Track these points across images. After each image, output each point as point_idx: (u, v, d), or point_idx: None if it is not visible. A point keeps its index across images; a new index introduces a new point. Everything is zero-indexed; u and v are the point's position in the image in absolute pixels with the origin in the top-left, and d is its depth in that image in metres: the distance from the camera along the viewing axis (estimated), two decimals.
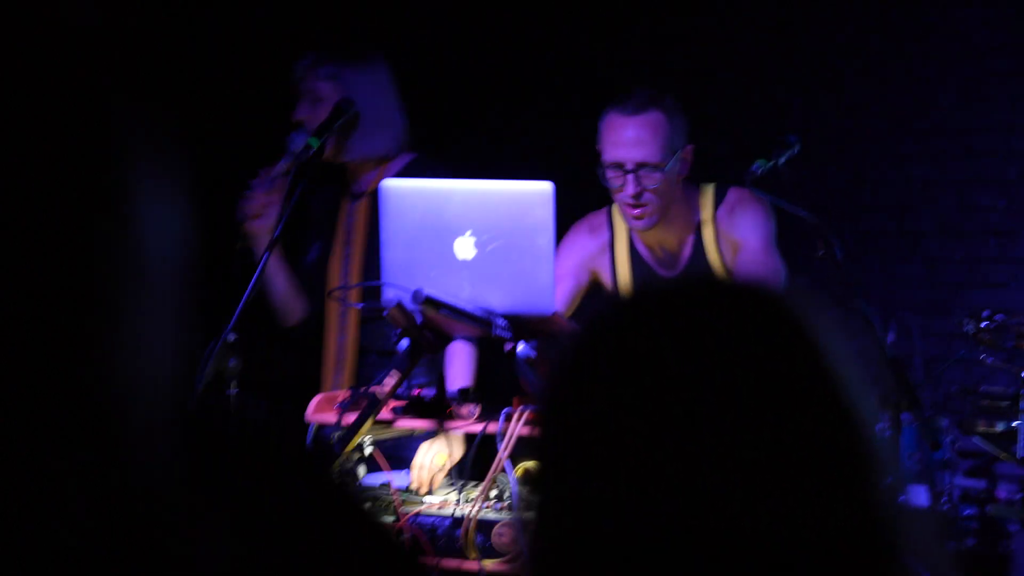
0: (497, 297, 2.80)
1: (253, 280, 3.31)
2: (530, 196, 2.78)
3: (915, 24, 5.27)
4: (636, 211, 3.41)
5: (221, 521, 0.84)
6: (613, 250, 3.63)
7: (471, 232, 2.80)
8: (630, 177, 3.37)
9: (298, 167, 3.40)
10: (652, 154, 3.36)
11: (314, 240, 3.79)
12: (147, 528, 0.80)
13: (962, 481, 4.25)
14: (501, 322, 2.80)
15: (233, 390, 3.35)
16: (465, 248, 2.80)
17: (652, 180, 3.38)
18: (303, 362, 3.81)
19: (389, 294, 2.75)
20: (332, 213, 3.72)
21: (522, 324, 2.83)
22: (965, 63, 5.20)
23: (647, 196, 3.40)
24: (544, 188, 2.78)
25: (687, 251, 3.55)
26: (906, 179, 5.28)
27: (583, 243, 3.65)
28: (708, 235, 3.52)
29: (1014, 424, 2.91)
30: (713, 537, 0.95)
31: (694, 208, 3.54)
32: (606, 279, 3.66)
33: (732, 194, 3.51)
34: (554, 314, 2.83)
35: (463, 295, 2.81)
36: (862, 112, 5.36)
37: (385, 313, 2.73)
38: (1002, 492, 3.31)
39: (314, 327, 3.67)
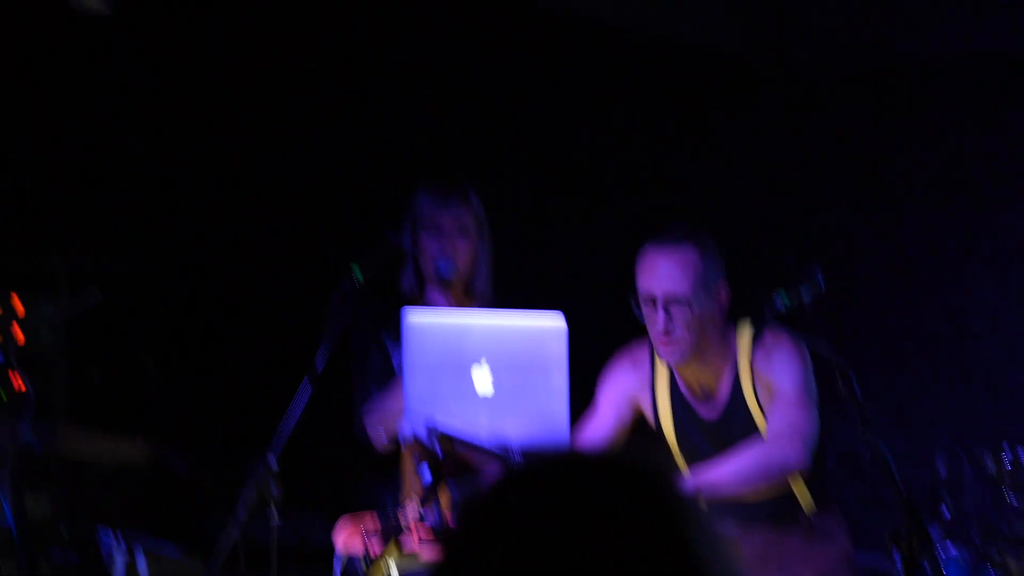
0: (514, 430, 2.87)
1: (296, 407, 3.41)
2: (544, 331, 2.86)
3: (978, 142, 5.29)
4: (667, 347, 3.44)
5: None
6: (654, 385, 3.64)
7: (488, 365, 2.88)
8: (660, 311, 3.40)
9: (343, 296, 3.50)
10: (683, 289, 3.39)
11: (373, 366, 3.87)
12: None
13: None
14: (516, 456, 2.86)
15: (276, 521, 3.42)
16: (483, 381, 2.88)
17: (682, 314, 3.41)
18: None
19: (407, 427, 2.84)
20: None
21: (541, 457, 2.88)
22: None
23: (678, 332, 3.41)
24: (557, 324, 2.85)
25: (725, 390, 3.56)
26: (970, 303, 5.25)
27: (625, 376, 3.66)
28: (745, 377, 3.52)
29: None
30: None
31: (731, 347, 3.55)
32: (648, 413, 3.66)
33: (768, 336, 3.51)
34: (570, 447, 2.88)
35: (481, 427, 2.88)
36: (927, 236, 5.36)
37: (404, 447, 2.81)
38: None
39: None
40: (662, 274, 3.40)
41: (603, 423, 3.58)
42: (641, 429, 3.72)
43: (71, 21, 5.49)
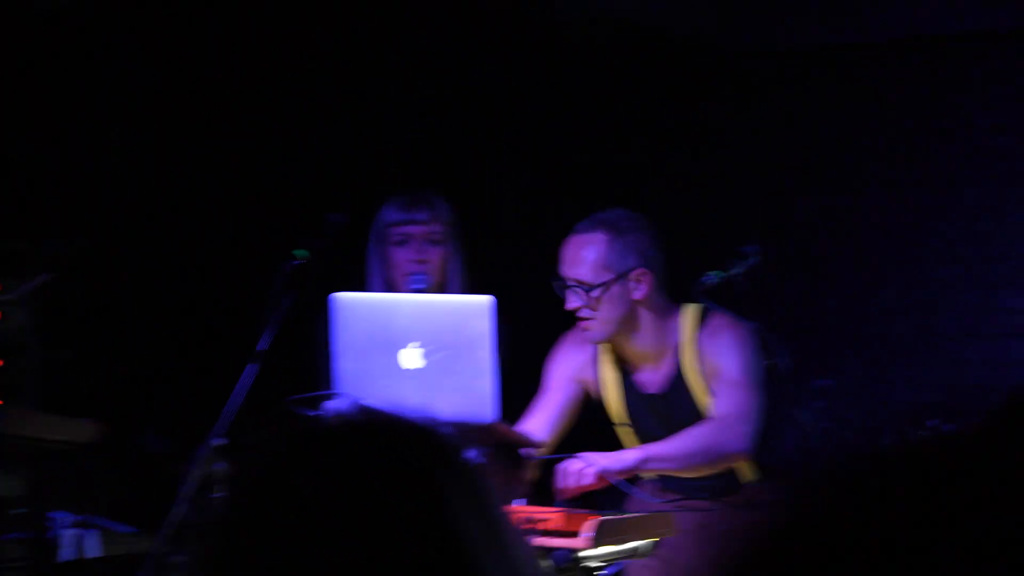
0: (442, 406, 2.91)
1: (239, 388, 3.46)
2: (471, 308, 2.91)
3: (941, 124, 5.32)
4: (581, 324, 3.51)
5: None
6: (599, 364, 3.69)
7: (417, 343, 2.92)
8: (568, 293, 3.47)
9: (286, 278, 3.54)
10: (584, 273, 3.46)
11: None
12: None
13: None
14: (445, 430, 2.90)
15: (219, 494, 3.49)
16: (411, 358, 2.93)
17: (585, 298, 3.46)
18: None
19: (331, 405, 2.88)
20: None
21: (465, 432, 2.93)
22: (987, 164, 5.23)
23: (585, 311, 3.48)
24: (483, 301, 2.90)
25: (667, 369, 3.60)
26: (928, 281, 5.29)
27: (570, 356, 3.71)
28: (688, 356, 3.57)
29: None
30: None
31: (674, 329, 3.59)
32: (593, 391, 3.71)
33: (714, 319, 3.55)
34: (495, 422, 2.93)
35: (409, 404, 2.92)
36: (886, 214, 5.40)
37: None
38: None
39: None
40: (568, 259, 3.48)
41: (551, 403, 3.64)
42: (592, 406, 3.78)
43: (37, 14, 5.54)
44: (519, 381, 3.73)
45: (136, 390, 6.01)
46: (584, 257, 3.47)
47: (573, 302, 3.48)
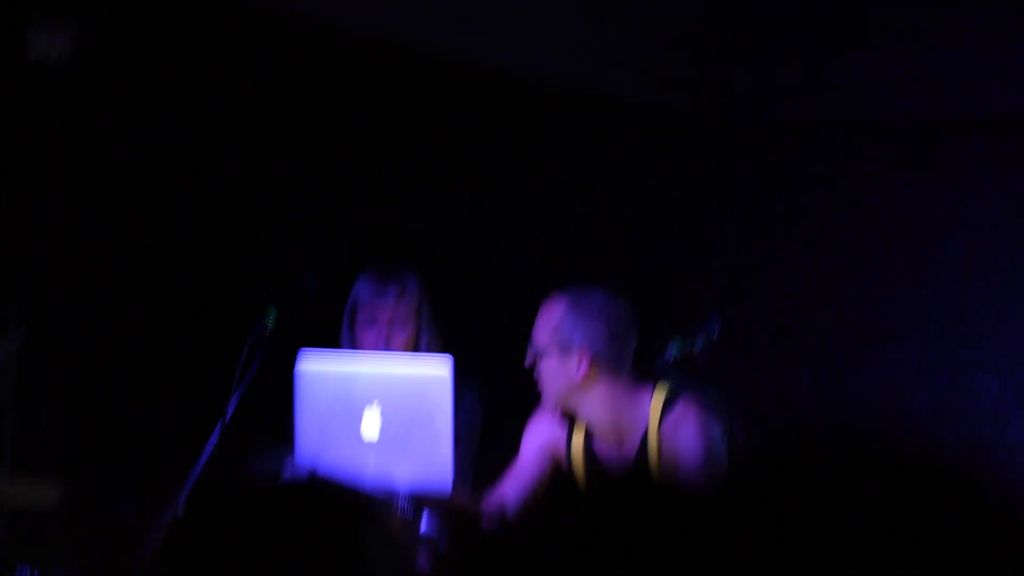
0: (400, 474, 2.94)
1: (203, 458, 3.48)
2: (429, 375, 2.94)
3: (914, 202, 5.38)
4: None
5: None
6: (570, 439, 3.72)
7: (378, 412, 2.95)
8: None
9: (255, 342, 3.56)
10: (539, 336, 3.54)
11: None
12: None
13: None
14: (403, 501, 2.92)
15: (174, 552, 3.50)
16: (371, 427, 2.95)
17: (533, 360, 3.54)
18: None
19: (291, 469, 2.90)
20: None
21: (424, 502, 2.95)
22: (962, 240, 5.28)
23: (536, 375, 3.55)
24: (441, 369, 2.93)
25: (631, 449, 3.62)
26: (900, 358, 5.33)
27: (543, 430, 3.74)
28: (652, 445, 3.59)
29: None
30: None
31: (644, 413, 3.61)
32: (563, 466, 3.74)
33: (679, 408, 3.57)
34: (452, 494, 2.95)
35: (368, 471, 2.94)
36: (859, 289, 5.44)
37: None
38: None
39: None
40: (536, 320, 3.57)
41: (523, 474, 3.67)
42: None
43: (31, 71, 5.59)
44: (500, 442, 3.77)
45: (107, 448, 6.01)
46: (542, 321, 3.55)
47: (528, 360, 3.56)
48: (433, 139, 5.76)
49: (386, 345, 3.69)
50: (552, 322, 3.51)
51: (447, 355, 2.99)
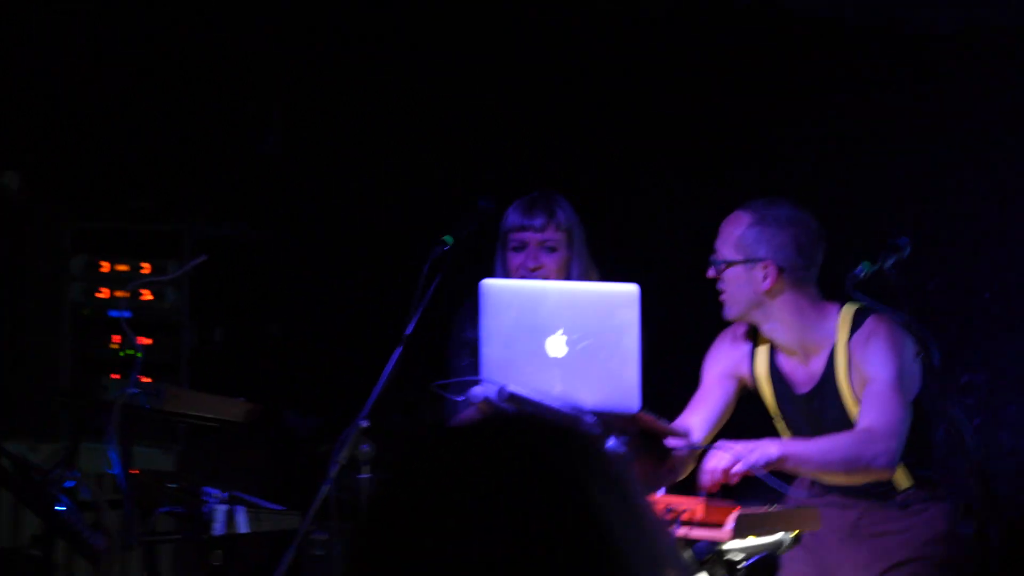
0: (586, 394, 2.92)
1: (386, 371, 3.51)
2: (616, 297, 2.90)
3: None
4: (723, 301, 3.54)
5: None
6: (753, 360, 3.69)
7: (562, 331, 2.93)
8: (712, 266, 3.54)
9: (433, 264, 3.58)
10: (720, 247, 3.51)
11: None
12: None
13: None
14: (589, 419, 2.91)
15: (365, 475, 3.55)
16: (557, 346, 2.94)
17: (719, 272, 3.51)
18: None
19: (479, 390, 2.90)
20: None
21: (610, 421, 2.93)
22: None
23: (720, 285, 3.52)
24: (630, 290, 2.89)
25: (818, 367, 3.57)
26: None
27: (726, 352, 3.72)
28: (840, 359, 3.53)
29: None
30: None
31: (830, 327, 3.56)
32: (750, 385, 3.71)
33: (870, 323, 3.49)
34: (640, 412, 2.92)
35: (554, 392, 2.94)
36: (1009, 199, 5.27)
37: (474, 408, 2.88)
38: None
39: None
40: (719, 231, 3.55)
41: (709, 398, 3.65)
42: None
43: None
44: (670, 374, 3.73)
45: (284, 372, 6.14)
46: (725, 233, 3.52)
47: (711, 272, 3.53)
48: (597, 63, 5.69)
49: (534, 270, 3.68)
50: (737, 232, 3.47)
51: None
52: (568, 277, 3.70)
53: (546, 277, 3.65)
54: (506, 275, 3.73)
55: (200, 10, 5.88)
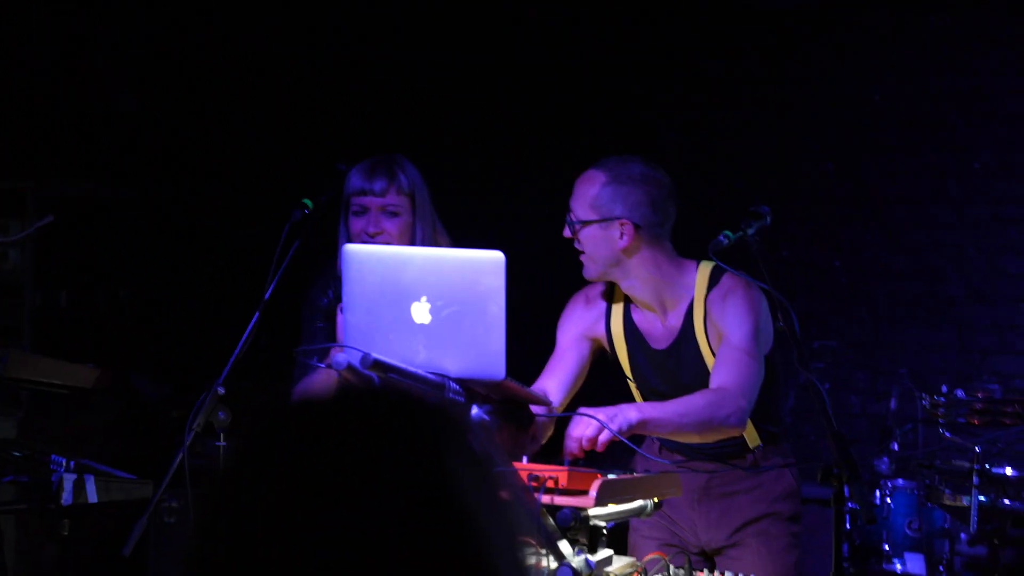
0: (451, 362, 2.88)
1: (244, 336, 3.42)
2: (482, 264, 2.87)
3: (951, 90, 5.28)
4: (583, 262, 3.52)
5: None
6: (609, 319, 3.70)
7: (426, 297, 2.89)
8: (567, 224, 3.52)
9: (292, 227, 3.51)
10: (576, 207, 3.51)
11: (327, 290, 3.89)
12: None
13: (965, 549, 4.22)
14: (454, 386, 2.88)
15: (221, 442, 3.47)
16: (421, 313, 2.89)
17: (575, 232, 3.51)
18: None
19: (341, 356, 2.84)
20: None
21: (475, 389, 2.90)
22: (998, 130, 5.19)
23: (578, 245, 3.53)
24: (495, 257, 2.86)
25: (676, 324, 3.60)
26: (938, 245, 5.26)
27: (579, 314, 3.73)
28: (698, 314, 3.56)
29: (965, 501, 2.91)
30: None
31: (688, 282, 3.58)
32: (605, 345, 3.72)
33: (727, 280, 3.54)
34: (504, 379, 2.90)
35: (419, 359, 2.89)
36: (897, 178, 5.36)
37: (337, 374, 2.82)
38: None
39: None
40: (573, 191, 3.55)
41: (564, 361, 3.65)
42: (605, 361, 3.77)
43: None
44: (527, 339, 3.71)
45: (136, 335, 5.98)
46: (579, 192, 3.52)
47: (566, 232, 3.53)
48: (466, 23, 5.63)
49: (374, 235, 3.63)
50: (592, 192, 3.48)
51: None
52: (412, 242, 3.66)
53: (387, 242, 3.60)
54: (348, 240, 3.68)
55: None
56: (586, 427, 3.09)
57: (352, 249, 2.99)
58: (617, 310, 3.69)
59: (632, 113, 5.62)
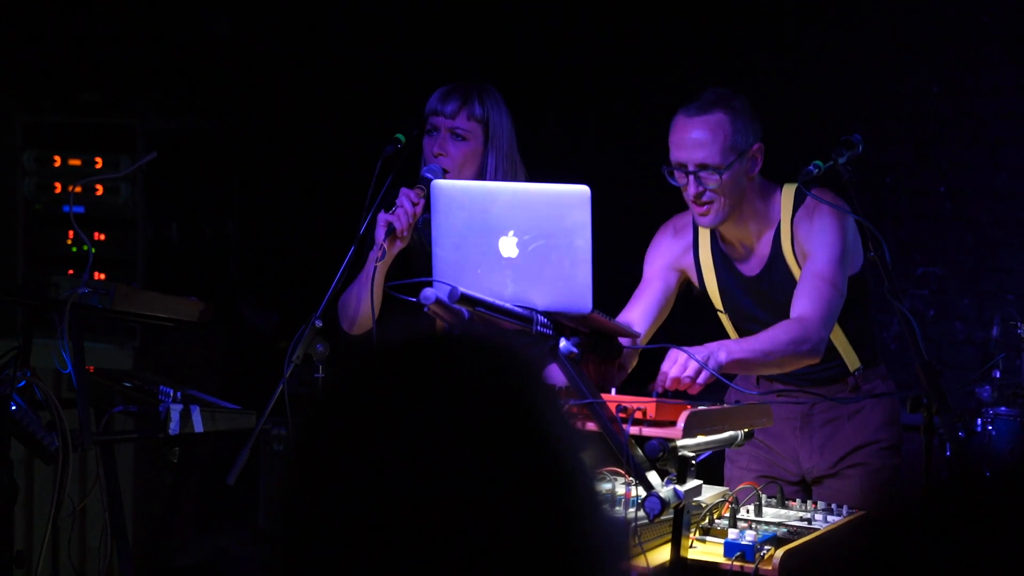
0: (538, 295, 2.91)
1: (341, 269, 3.48)
2: (569, 198, 2.88)
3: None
4: (700, 208, 3.46)
5: None
6: (697, 249, 3.69)
7: (514, 232, 2.91)
8: (691, 178, 3.42)
9: (385, 162, 3.54)
10: (712, 156, 3.40)
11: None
12: None
13: None
14: (541, 319, 2.91)
15: (320, 374, 3.54)
16: (509, 247, 2.92)
17: (713, 181, 3.42)
18: None
19: (429, 291, 2.88)
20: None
21: (563, 322, 2.93)
22: None
23: (708, 195, 3.44)
24: (581, 191, 2.87)
25: (765, 250, 3.58)
26: None
27: (668, 244, 3.72)
28: (785, 236, 3.54)
29: None
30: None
31: (775, 207, 3.56)
32: (693, 276, 3.71)
33: (811, 201, 3.50)
34: (592, 312, 2.92)
35: (507, 293, 2.92)
36: (1002, 97, 5.24)
37: (426, 309, 2.86)
38: None
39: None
40: (691, 142, 3.42)
41: (651, 292, 3.66)
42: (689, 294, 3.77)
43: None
44: (614, 273, 3.73)
45: (242, 268, 6.10)
46: (711, 140, 3.41)
47: (696, 187, 3.43)
48: None
49: (438, 156, 3.59)
50: (724, 135, 3.40)
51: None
52: (480, 171, 3.60)
53: (449, 166, 3.59)
54: (424, 161, 3.66)
55: None
56: (682, 368, 3.09)
57: (440, 184, 3.02)
58: (704, 240, 3.68)
59: (722, 36, 5.55)
